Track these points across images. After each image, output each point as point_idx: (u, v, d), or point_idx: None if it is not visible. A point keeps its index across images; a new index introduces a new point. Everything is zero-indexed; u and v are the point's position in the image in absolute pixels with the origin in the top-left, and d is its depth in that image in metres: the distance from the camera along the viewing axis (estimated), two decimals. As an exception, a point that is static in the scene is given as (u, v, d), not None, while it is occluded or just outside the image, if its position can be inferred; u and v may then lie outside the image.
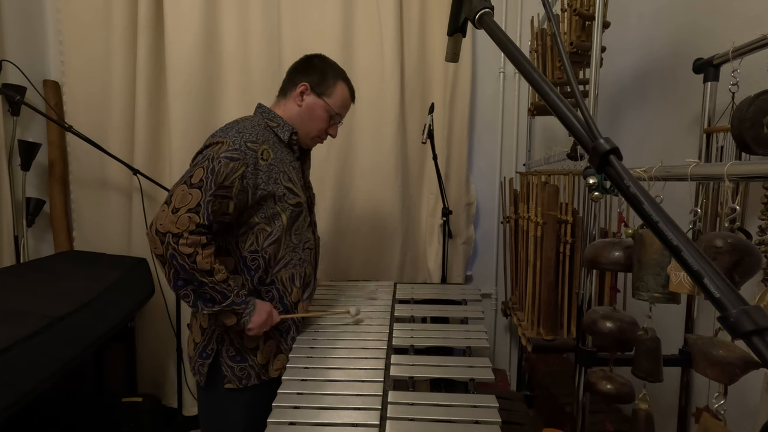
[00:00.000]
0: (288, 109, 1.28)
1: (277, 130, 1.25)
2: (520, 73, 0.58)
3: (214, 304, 1.11)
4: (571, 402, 1.38)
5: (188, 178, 1.09)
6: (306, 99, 1.27)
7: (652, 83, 1.56)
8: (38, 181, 2.13)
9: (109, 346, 2.11)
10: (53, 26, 2.17)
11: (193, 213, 1.06)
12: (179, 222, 1.05)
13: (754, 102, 0.88)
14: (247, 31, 2.16)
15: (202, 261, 1.07)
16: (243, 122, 1.22)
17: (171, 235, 1.05)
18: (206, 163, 1.09)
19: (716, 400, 0.82)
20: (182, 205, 1.06)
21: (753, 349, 0.33)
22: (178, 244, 1.05)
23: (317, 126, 1.30)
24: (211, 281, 1.09)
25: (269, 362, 1.25)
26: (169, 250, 1.05)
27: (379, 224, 2.26)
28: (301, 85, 1.27)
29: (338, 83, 1.29)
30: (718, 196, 1.12)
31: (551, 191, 1.66)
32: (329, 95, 1.28)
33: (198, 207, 1.07)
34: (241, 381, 1.21)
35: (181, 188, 1.08)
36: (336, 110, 1.30)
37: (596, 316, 1.02)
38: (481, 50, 2.35)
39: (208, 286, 1.09)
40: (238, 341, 1.21)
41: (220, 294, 1.10)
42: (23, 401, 1.16)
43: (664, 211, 0.40)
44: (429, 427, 0.90)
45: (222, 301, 1.11)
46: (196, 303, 1.11)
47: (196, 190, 1.07)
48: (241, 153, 1.12)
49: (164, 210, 1.07)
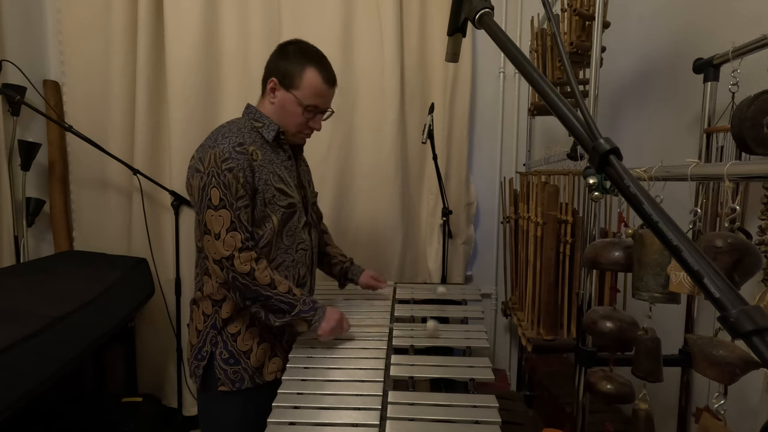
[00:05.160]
0: (266, 106, 1.24)
1: (262, 131, 1.22)
2: (520, 73, 0.58)
3: (284, 314, 1.15)
4: (571, 402, 1.38)
5: (208, 201, 1.11)
6: (277, 95, 1.21)
7: (652, 83, 1.56)
8: (38, 181, 2.13)
9: (109, 346, 2.11)
10: (53, 26, 2.17)
11: (232, 231, 1.10)
12: (226, 245, 1.09)
13: (754, 102, 0.88)
14: (247, 31, 2.16)
15: (260, 275, 1.11)
16: (228, 126, 1.20)
17: (225, 259, 1.09)
18: (214, 180, 1.10)
19: (716, 400, 0.82)
20: (220, 228, 1.10)
21: (753, 349, 0.33)
22: (234, 265, 1.10)
23: (293, 121, 1.23)
24: (275, 293, 1.12)
25: (264, 365, 1.25)
26: (230, 274, 1.10)
27: (379, 224, 2.26)
28: (270, 81, 1.21)
29: (305, 72, 1.19)
30: (718, 196, 1.12)
31: (551, 191, 1.66)
32: (297, 87, 1.19)
33: (233, 224, 1.10)
34: (234, 384, 1.21)
35: (209, 214, 1.11)
36: (308, 101, 1.20)
37: (596, 316, 1.01)
38: (481, 50, 2.35)
39: (273, 299, 1.13)
40: (231, 344, 1.21)
41: (287, 304, 1.14)
42: (23, 401, 1.16)
43: (664, 211, 0.40)
44: (429, 427, 0.89)
45: (290, 310, 1.14)
46: (268, 317, 1.15)
47: (224, 210, 1.10)
48: (234, 160, 1.12)
49: (209, 240, 1.11)
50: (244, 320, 1.22)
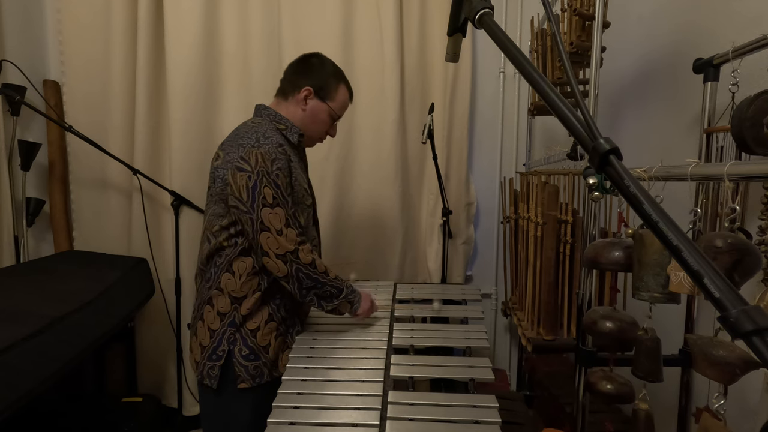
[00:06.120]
0: (291, 111, 1.29)
1: (285, 133, 1.27)
2: (520, 73, 0.58)
3: (334, 299, 1.23)
4: (571, 402, 1.38)
5: (263, 200, 1.14)
6: (310, 103, 1.29)
7: (652, 83, 1.56)
8: (38, 181, 2.13)
9: (109, 346, 2.11)
10: (53, 26, 2.17)
11: (289, 227, 1.16)
12: (288, 239, 1.15)
13: (754, 102, 0.88)
14: (247, 31, 2.16)
15: (320, 264, 1.20)
16: (258, 125, 1.22)
17: (289, 253, 1.15)
18: (266, 179, 1.14)
19: (716, 400, 0.82)
20: (280, 225, 1.15)
21: (753, 349, 0.33)
22: (299, 257, 1.16)
23: (321, 129, 1.34)
24: (329, 280, 1.21)
25: (279, 358, 1.27)
26: (294, 266, 1.16)
27: (379, 224, 2.26)
28: (305, 90, 1.28)
29: (340, 86, 1.32)
30: (718, 196, 1.12)
31: (551, 191, 1.66)
32: (332, 99, 1.31)
33: (288, 220, 1.16)
34: (255, 379, 1.22)
35: (266, 212, 1.14)
36: (338, 113, 1.34)
37: (596, 316, 1.01)
38: (481, 50, 2.35)
39: (327, 285, 1.21)
40: (251, 340, 1.22)
41: (336, 288, 1.23)
42: (23, 401, 1.16)
43: (664, 211, 0.40)
44: (429, 427, 0.90)
45: (338, 294, 1.23)
46: (320, 303, 1.23)
47: (279, 208, 1.15)
48: (280, 161, 1.17)
49: (269, 237, 1.15)
50: (263, 315, 1.24)
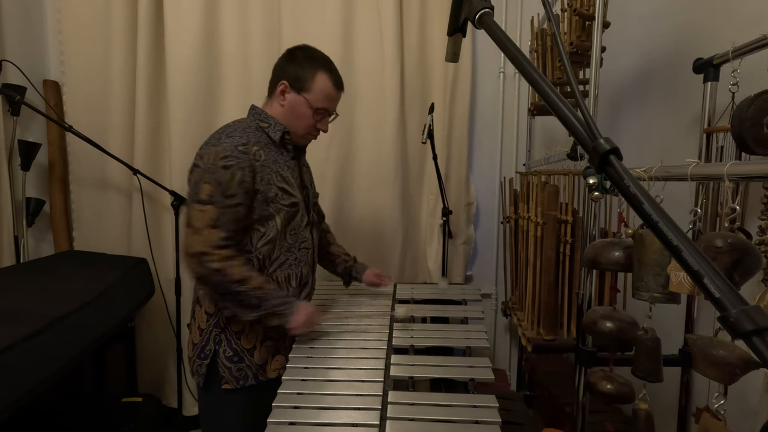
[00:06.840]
0: (274, 108, 1.27)
1: (268, 131, 1.25)
2: (520, 73, 0.58)
3: (255, 309, 1.15)
4: (571, 402, 1.38)
5: (198, 195, 1.12)
6: (287, 97, 1.25)
7: (652, 83, 1.56)
8: (38, 181, 2.13)
9: (109, 346, 2.11)
10: (53, 26, 2.16)
11: (214, 228, 1.11)
12: (203, 240, 1.10)
13: (754, 102, 0.88)
14: (247, 31, 2.16)
15: (232, 272, 1.12)
16: (233, 126, 1.22)
17: (199, 254, 1.10)
18: (208, 176, 1.12)
19: (716, 400, 0.82)
20: (202, 224, 1.11)
21: (753, 349, 0.33)
22: (210, 262, 1.10)
23: (303, 123, 1.27)
24: (247, 289, 1.13)
25: (267, 362, 1.26)
26: (204, 269, 1.11)
27: (379, 224, 2.26)
28: (281, 84, 1.24)
29: (317, 75, 1.24)
30: (718, 196, 1.12)
31: (551, 191, 1.66)
32: (308, 90, 1.24)
33: (216, 221, 1.11)
34: (238, 381, 1.22)
35: (195, 207, 1.12)
36: (318, 104, 1.25)
37: (596, 316, 1.01)
38: (481, 50, 2.34)
39: (243, 294, 1.13)
40: (235, 342, 1.22)
41: (258, 299, 1.15)
42: (23, 401, 1.16)
43: (664, 211, 0.40)
44: (429, 427, 0.90)
45: (260, 305, 1.15)
46: (235, 312, 1.16)
47: (209, 206, 1.11)
48: (234, 159, 1.13)
49: (187, 232, 1.12)
50: None
